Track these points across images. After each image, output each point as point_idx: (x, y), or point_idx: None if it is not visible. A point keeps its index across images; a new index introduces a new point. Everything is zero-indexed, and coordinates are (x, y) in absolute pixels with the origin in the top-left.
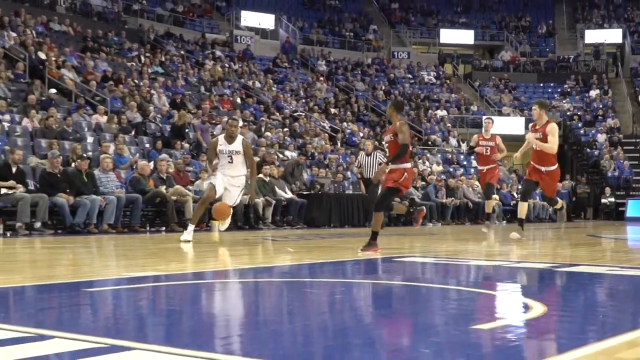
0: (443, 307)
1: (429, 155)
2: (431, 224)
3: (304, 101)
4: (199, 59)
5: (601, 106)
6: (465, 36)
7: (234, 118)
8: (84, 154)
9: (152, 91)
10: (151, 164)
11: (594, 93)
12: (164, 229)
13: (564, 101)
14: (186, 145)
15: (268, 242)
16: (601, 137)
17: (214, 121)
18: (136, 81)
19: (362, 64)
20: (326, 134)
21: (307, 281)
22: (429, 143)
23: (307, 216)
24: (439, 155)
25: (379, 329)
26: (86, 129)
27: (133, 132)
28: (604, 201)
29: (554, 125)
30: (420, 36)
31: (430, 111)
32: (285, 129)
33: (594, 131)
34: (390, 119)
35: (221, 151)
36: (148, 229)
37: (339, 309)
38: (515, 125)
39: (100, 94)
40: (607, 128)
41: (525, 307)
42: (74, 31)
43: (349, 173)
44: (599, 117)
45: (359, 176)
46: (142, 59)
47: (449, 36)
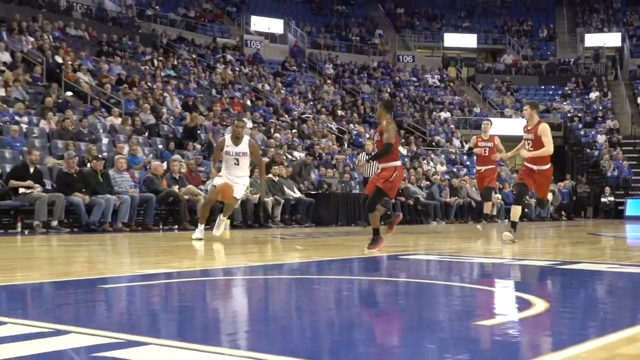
0: (447, 303)
1: (433, 156)
2: (435, 222)
3: (311, 103)
4: (210, 63)
5: (601, 108)
6: (468, 40)
7: (240, 119)
8: (99, 155)
9: (165, 94)
10: (164, 164)
11: (593, 95)
12: (176, 227)
13: (564, 103)
14: (198, 146)
15: (277, 240)
16: (601, 138)
17: (224, 123)
18: (149, 84)
19: (368, 67)
20: (333, 135)
21: (315, 278)
22: (433, 144)
23: (315, 215)
24: (442, 156)
25: (384, 325)
26: (101, 131)
27: (146, 134)
28: (603, 200)
29: (545, 126)
30: (425, 40)
31: (434, 113)
32: (294, 131)
33: (593, 132)
34: (380, 118)
35: (228, 152)
36: (161, 227)
37: (346, 305)
38: (517, 126)
39: (114, 96)
40: (606, 129)
41: (527, 304)
42: (90, 36)
43: (355, 173)
44: (599, 119)
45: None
46: (155, 62)
47: (452, 40)
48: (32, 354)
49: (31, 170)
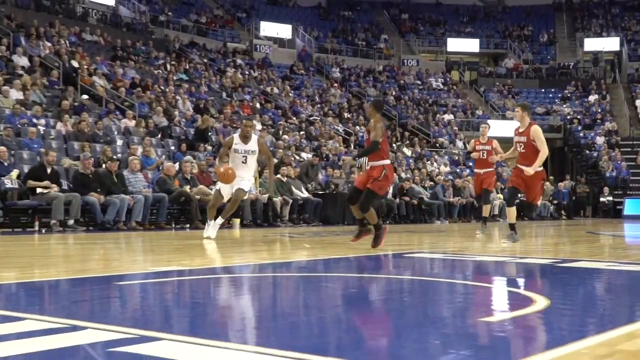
0: (452, 300)
1: (436, 157)
2: (439, 221)
3: (319, 106)
4: (221, 67)
5: (600, 110)
6: (470, 45)
7: (248, 118)
8: (113, 156)
9: (177, 97)
10: (176, 165)
11: (592, 98)
12: (188, 226)
13: (564, 106)
14: (209, 148)
15: (286, 238)
16: (600, 140)
17: (235, 125)
18: (162, 88)
19: (373, 71)
20: (340, 137)
21: (322, 276)
22: (437, 145)
23: (323, 214)
24: (446, 157)
25: (391, 321)
26: (116, 133)
27: (159, 135)
28: (602, 200)
29: (537, 128)
30: (429, 45)
31: (438, 115)
32: (302, 132)
33: (593, 134)
34: (369, 117)
35: (236, 150)
36: (173, 226)
37: (353, 302)
38: None
39: (128, 99)
40: (605, 131)
41: (529, 301)
42: (105, 41)
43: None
44: (598, 121)
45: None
46: (168, 66)
47: (455, 45)
48: (50, 349)
49: (48, 170)
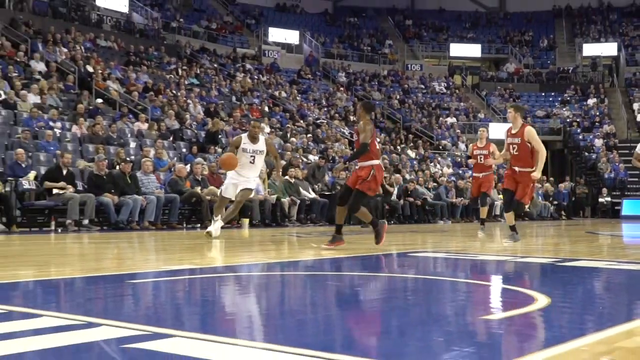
0: (455, 298)
1: (440, 159)
2: (442, 221)
3: (325, 109)
4: (230, 72)
5: (598, 113)
6: (473, 50)
7: (256, 119)
8: (127, 158)
9: (189, 101)
10: (187, 166)
11: (591, 101)
12: (199, 225)
13: (564, 109)
14: (219, 150)
15: (293, 238)
16: (598, 142)
17: (244, 128)
18: (174, 92)
19: (378, 75)
20: (346, 140)
21: (329, 274)
22: (440, 148)
23: (329, 214)
24: (449, 159)
25: (396, 319)
26: (129, 135)
27: (171, 138)
28: (601, 200)
29: (531, 129)
30: (432, 50)
31: (441, 118)
32: (309, 135)
33: (591, 136)
34: (359, 119)
35: (245, 149)
36: (185, 225)
37: (358, 300)
38: None
39: (141, 103)
40: (603, 133)
41: (530, 299)
42: (118, 47)
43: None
44: (596, 124)
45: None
46: (180, 71)
47: (458, 50)
48: (66, 345)
49: (64, 172)
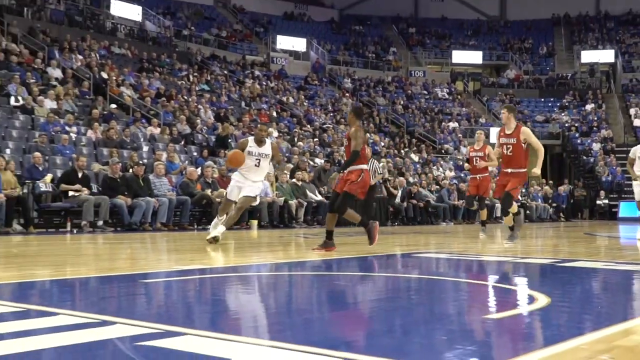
0: (456, 298)
1: (442, 163)
2: (444, 223)
3: (331, 114)
4: (240, 78)
5: (596, 118)
6: (474, 57)
7: (263, 123)
8: (140, 161)
9: (199, 106)
10: (198, 170)
11: (589, 107)
12: (209, 227)
13: (562, 114)
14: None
15: (300, 239)
16: (596, 146)
17: (253, 132)
18: (185, 97)
19: (383, 81)
20: None
21: (335, 274)
22: (443, 151)
23: None
24: (451, 162)
25: (399, 318)
26: (142, 139)
27: (183, 142)
28: (598, 203)
29: (526, 129)
30: (435, 57)
31: (443, 123)
32: (316, 139)
33: (589, 141)
34: (350, 124)
35: (250, 152)
36: (195, 227)
37: (364, 299)
38: None
39: (154, 108)
40: (601, 138)
41: (531, 299)
42: (132, 54)
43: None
44: (594, 128)
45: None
46: (191, 78)
47: (460, 57)
48: (81, 342)
49: (79, 175)
